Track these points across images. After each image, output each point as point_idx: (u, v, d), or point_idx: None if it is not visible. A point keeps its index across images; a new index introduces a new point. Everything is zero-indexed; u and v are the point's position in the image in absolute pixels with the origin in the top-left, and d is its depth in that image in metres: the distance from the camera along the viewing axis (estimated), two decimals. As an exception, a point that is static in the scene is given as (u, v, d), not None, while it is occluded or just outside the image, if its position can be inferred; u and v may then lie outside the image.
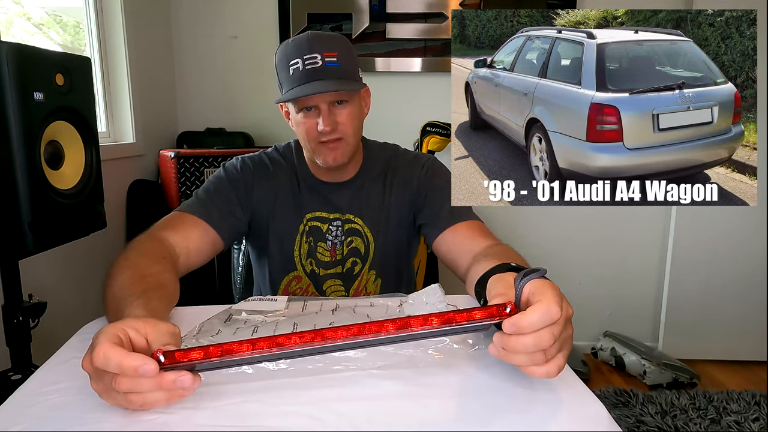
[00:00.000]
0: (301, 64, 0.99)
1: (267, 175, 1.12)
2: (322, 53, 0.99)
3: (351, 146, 1.06)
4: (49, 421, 0.54)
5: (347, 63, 1.02)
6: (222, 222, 1.03)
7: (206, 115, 2.38)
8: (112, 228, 1.83)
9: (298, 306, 0.85)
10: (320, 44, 1.00)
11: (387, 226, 1.14)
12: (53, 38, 1.86)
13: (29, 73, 1.00)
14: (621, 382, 2.33)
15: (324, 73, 0.99)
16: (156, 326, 0.55)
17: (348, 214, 1.13)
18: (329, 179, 1.13)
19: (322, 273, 1.14)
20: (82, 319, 0.82)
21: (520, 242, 2.74)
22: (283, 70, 1.02)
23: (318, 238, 1.13)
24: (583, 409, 0.56)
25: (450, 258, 1.05)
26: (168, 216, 1.03)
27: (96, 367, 0.51)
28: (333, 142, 1.03)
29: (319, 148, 1.04)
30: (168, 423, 0.53)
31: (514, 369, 0.64)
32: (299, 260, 1.13)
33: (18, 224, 1.01)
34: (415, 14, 2.30)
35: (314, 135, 1.03)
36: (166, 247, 0.94)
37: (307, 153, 1.11)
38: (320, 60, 0.99)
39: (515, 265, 0.73)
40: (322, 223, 1.13)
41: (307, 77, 0.98)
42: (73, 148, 1.16)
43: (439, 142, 2.14)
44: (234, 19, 2.34)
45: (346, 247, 1.13)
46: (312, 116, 1.02)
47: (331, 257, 1.13)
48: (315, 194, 1.13)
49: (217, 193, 1.07)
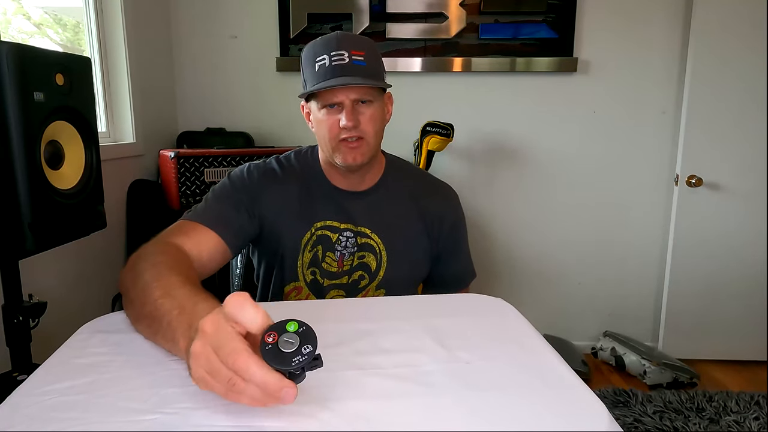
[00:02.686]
0: (327, 60, 0.98)
1: (275, 182, 1.10)
2: (349, 51, 0.98)
3: (371, 148, 1.05)
4: (48, 421, 0.53)
5: (374, 63, 1.02)
6: (231, 231, 1.01)
7: (206, 115, 2.38)
8: (112, 228, 1.83)
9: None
10: (348, 43, 1.00)
11: (406, 252, 1.12)
12: (53, 38, 1.86)
13: (29, 73, 1.00)
14: (621, 382, 2.33)
15: (351, 69, 0.98)
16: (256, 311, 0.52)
17: (362, 227, 1.10)
18: (345, 186, 1.11)
19: (326, 283, 1.11)
20: (82, 319, 0.82)
21: (519, 243, 2.76)
22: (309, 66, 1.01)
23: (327, 247, 1.10)
24: (583, 409, 0.56)
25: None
26: (178, 224, 1.00)
27: (219, 342, 0.50)
28: (354, 142, 1.02)
29: (339, 147, 1.03)
30: (166, 423, 0.53)
31: (513, 369, 0.65)
32: (301, 270, 1.11)
33: (18, 224, 1.01)
34: (415, 14, 2.30)
35: (336, 132, 1.01)
36: (186, 254, 0.91)
37: (325, 154, 1.09)
38: (347, 57, 0.98)
39: None
40: (333, 233, 1.10)
41: (333, 73, 0.98)
42: (73, 148, 1.16)
43: (439, 142, 2.14)
44: (234, 19, 2.34)
45: (357, 260, 1.11)
46: (335, 113, 1.01)
47: (338, 267, 1.11)
48: (328, 201, 1.11)
49: (225, 202, 1.05)
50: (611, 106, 2.42)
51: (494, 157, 2.46)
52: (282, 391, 0.48)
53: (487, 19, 2.31)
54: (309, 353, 0.49)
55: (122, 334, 0.73)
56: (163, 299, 0.66)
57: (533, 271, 2.57)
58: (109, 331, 0.75)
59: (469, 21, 2.30)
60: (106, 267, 1.83)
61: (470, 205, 2.46)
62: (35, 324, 1.19)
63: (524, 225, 2.53)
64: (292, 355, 0.48)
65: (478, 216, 2.48)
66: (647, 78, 2.39)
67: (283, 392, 0.48)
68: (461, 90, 2.40)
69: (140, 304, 0.71)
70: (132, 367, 0.64)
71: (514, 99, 2.41)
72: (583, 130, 2.44)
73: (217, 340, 0.50)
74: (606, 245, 2.55)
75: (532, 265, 2.56)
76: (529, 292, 2.58)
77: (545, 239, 2.55)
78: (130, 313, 0.75)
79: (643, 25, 2.35)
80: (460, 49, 2.34)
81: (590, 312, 2.61)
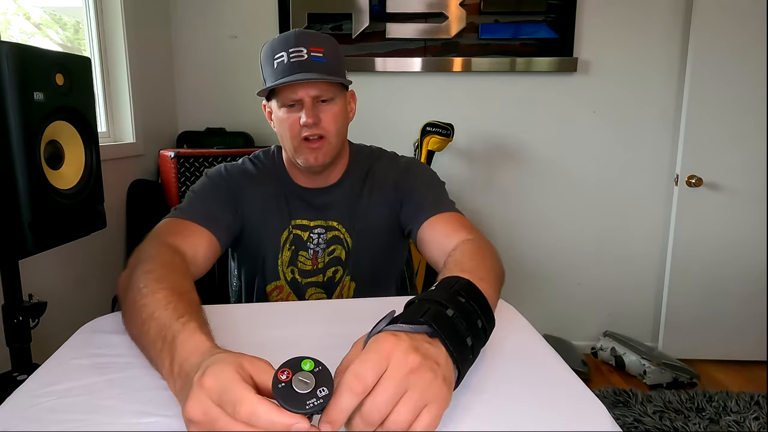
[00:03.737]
0: (286, 57, 0.96)
1: (252, 181, 1.09)
2: (308, 47, 0.97)
3: (333, 147, 1.03)
4: (48, 421, 0.53)
5: (334, 60, 0.99)
6: (221, 228, 1.00)
7: (206, 115, 2.38)
8: (112, 228, 1.83)
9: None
10: (306, 39, 0.97)
11: (365, 231, 1.10)
12: (53, 38, 1.86)
13: (29, 73, 1.00)
14: (621, 381, 2.33)
15: (309, 66, 0.96)
16: (254, 362, 0.47)
17: (331, 221, 1.10)
18: (310, 185, 1.10)
19: (304, 282, 1.11)
20: (82, 319, 0.82)
21: (519, 243, 2.76)
22: (268, 64, 0.99)
23: (299, 246, 1.10)
24: (583, 409, 0.56)
25: (430, 258, 1.01)
26: (167, 222, 0.97)
27: (211, 416, 0.43)
28: (315, 141, 1.00)
29: (301, 147, 1.01)
30: (166, 425, 0.53)
31: (513, 369, 0.65)
32: (281, 269, 1.10)
33: (18, 224, 1.01)
34: (415, 14, 2.30)
35: (297, 130, 0.99)
36: (182, 256, 0.87)
37: (288, 154, 1.07)
38: (306, 54, 0.96)
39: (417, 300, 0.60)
40: (303, 231, 1.10)
41: (291, 69, 0.96)
42: (73, 148, 1.16)
43: (439, 142, 2.14)
44: (234, 19, 2.34)
45: (328, 255, 1.10)
46: (295, 111, 0.99)
47: (312, 265, 1.10)
48: (297, 201, 1.10)
49: (210, 200, 1.03)
50: (611, 106, 2.42)
51: (494, 157, 2.46)
52: (293, 427, 0.42)
53: (487, 19, 2.31)
54: (324, 397, 0.44)
55: (122, 334, 0.73)
56: (147, 324, 0.62)
57: (533, 271, 2.56)
58: (109, 331, 0.76)
59: (469, 21, 2.30)
60: (106, 267, 1.83)
61: (470, 205, 2.46)
62: (35, 324, 1.19)
63: (524, 225, 2.53)
64: (306, 397, 0.44)
65: (478, 216, 2.48)
66: (647, 78, 2.39)
67: (294, 428, 0.42)
68: (461, 90, 2.40)
69: (130, 323, 0.68)
70: (132, 369, 0.64)
71: (514, 99, 2.41)
72: (583, 130, 2.44)
73: (219, 391, 0.44)
74: (606, 245, 2.55)
75: (532, 265, 2.56)
76: (529, 292, 2.58)
77: (545, 239, 2.55)
78: (126, 328, 0.72)
79: (643, 25, 2.35)
80: (460, 49, 2.34)
81: (590, 312, 2.61)
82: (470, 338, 0.56)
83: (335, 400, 0.44)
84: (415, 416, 0.46)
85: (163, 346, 0.57)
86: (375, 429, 0.45)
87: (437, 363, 0.49)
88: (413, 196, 1.08)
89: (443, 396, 0.48)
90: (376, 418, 0.45)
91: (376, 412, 0.44)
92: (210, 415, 0.43)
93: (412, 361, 0.47)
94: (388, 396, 0.45)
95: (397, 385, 0.46)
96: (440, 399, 0.47)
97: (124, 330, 0.73)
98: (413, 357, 0.47)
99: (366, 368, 0.46)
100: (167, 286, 0.68)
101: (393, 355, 0.47)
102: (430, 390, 0.47)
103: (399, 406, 0.45)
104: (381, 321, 0.54)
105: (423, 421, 0.46)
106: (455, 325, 0.55)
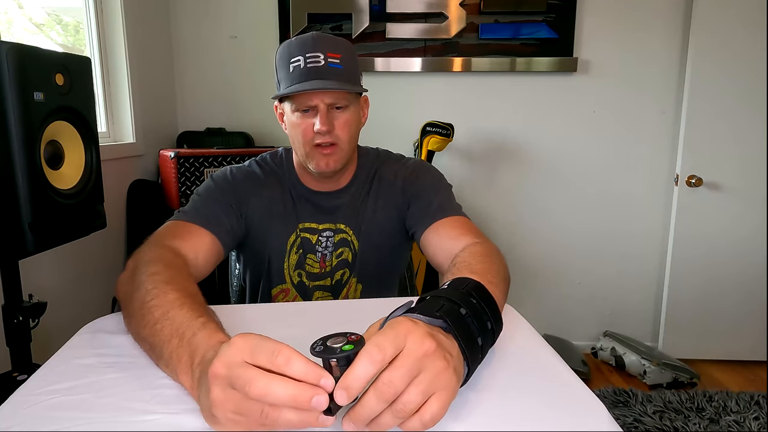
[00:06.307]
0: (302, 61, 0.96)
1: (258, 184, 1.09)
2: (325, 53, 0.96)
3: (345, 153, 1.03)
4: (49, 421, 0.53)
5: (350, 67, 0.99)
6: (224, 230, 1.00)
7: (206, 115, 2.38)
8: (112, 228, 1.83)
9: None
10: (324, 44, 0.97)
11: (372, 233, 1.10)
12: (53, 38, 1.86)
13: (29, 73, 1.00)
14: (621, 381, 2.33)
15: (326, 72, 0.96)
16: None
17: (340, 224, 1.10)
18: (320, 188, 1.10)
19: (311, 285, 1.11)
20: (82, 319, 0.82)
21: (520, 243, 2.76)
22: (283, 67, 0.99)
23: (308, 249, 1.10)
24: (583, 409, 0.56)
25: (434, 261, 1.01)
26: (170, 225, 0.97)
27: (233, 378, 0.45)
28: (327, 147, 1.00)
29: (312, 153, 1.01)
30: (167, 423, 0.53)
31: (513, 369, 0.65)
32: (288, 272, 1.10)
33: (18, 224, 1.01)
34: (415, 14, 2.30)
35: (310, 137, 1.00)
36: (183, 259, 0.87)
37: (299, 158, 1.07)
38: (323, 60, 0.96)
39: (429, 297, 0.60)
40: (312, 234, 1.10)
41: (308, 75, 0.96)
42: (73, 148, 1.16)
43: (439, 142, 2.14)
44: (234, 19, 2.34)
45: (336, 258, 1.11)
46: (309, 117, 0.99)
47: (320, 269, 1.11)
48: (306, 204, 1.10)
49: (214, 202, 1.03)
50: (611, 106, 2.42)
51: (494, 157, 2.46)
52: (320, 380, 0.43)
53: (487, 19, 2.31)
54: (353, 351, 0.46)
55: (123, 334, 0.73)
56: (161, 323, 0.62)
57: (533, 271, 2.57)
58: (110, 331, 0.76)
59: (469, 21, 2.30)
60: (106, 267, 1.83)
61: (470, 205, 2.46)
62: (35, 324, 1.19)
63: (524, 225, 2.53)
64: (336, 350, 0.46)
65: (478, 216, 2.48)
66: (647, 78, 2.39)
67: (321, 381, 0.43)
68: (461, 90, 2.40)
69: (137, 324, 0.67)
70: (133, 368, 0.64)
71: (514, 99, 2.41)
72: (583, 130, 2.44)
73: (231, 376, 0.46)
74: (606, 245, 2.55)
75: (532, 264, 2.56)
76: (529, 292, 2.58)
77: (545, 239, 2.55)
78: (130, 329, 0.71)
79: (643, 25, 2.35)
80: (460, 49, 2.34)
81: (590, 312, 2.62)
82: (480, 338, 0.57)
83: (353, 367, 0.45)
84: (425, 400, 0.47)
85: (181, 343, 0.58)
86: (386, 407, 0.46)
87: (450, 354, 0.50)
88: (420, 199, 1.08)
89: (453, 386, 0.49)
90: (390, 393, 0.45)
91: (391, 386, 0.45)
92: (232, 398, 0.45)
93: (428, 345, 0.48)
94: (405, 371, 0.46)
95: (413, 363, 0.46)
96: (450, 388, 0.48)
97: (126, 330, 0.73)
98: (429, 341, 0.48)
99: (387, 340, 0.46)
100: (177, 287, 0.69)
101: (410, 336, 0.48)
102: (441, 377, 0.48)
103: (411, 386, 0.46)
104: (398, 308, 0.55)
105: (431, 407, 0.46)
106: (468, 324, 0.56)
